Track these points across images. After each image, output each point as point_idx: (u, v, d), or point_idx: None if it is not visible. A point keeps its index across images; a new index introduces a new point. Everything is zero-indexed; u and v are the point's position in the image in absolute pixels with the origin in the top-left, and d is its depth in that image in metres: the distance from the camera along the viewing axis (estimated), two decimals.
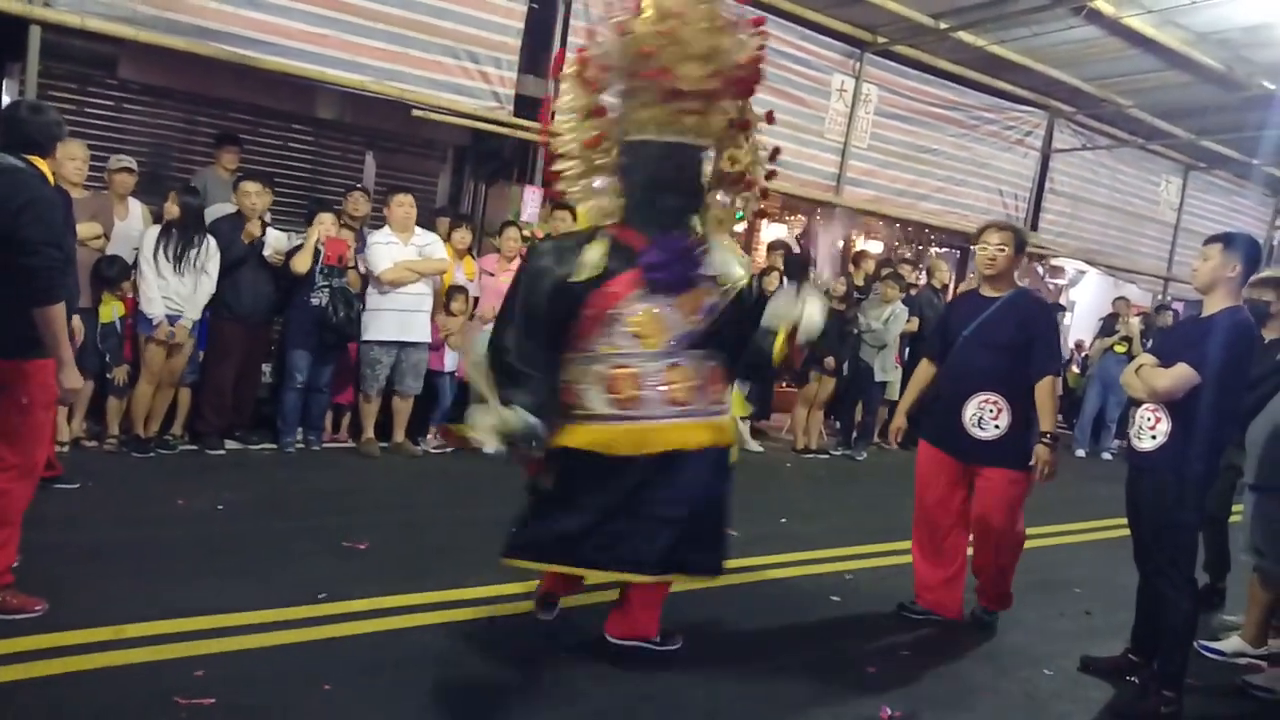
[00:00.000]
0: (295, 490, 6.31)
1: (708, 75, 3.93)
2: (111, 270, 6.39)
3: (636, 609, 4.25)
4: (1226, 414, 4.41)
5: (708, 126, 4.09)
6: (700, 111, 4.01)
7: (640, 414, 3.98)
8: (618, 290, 3.93)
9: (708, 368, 4.09)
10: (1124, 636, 4.91)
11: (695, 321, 4.02)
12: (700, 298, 4.02)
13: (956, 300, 5.95)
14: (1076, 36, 10.11)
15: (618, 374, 3.97)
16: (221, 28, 7.19)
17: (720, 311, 4.07)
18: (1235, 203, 16.69)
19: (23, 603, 3.96)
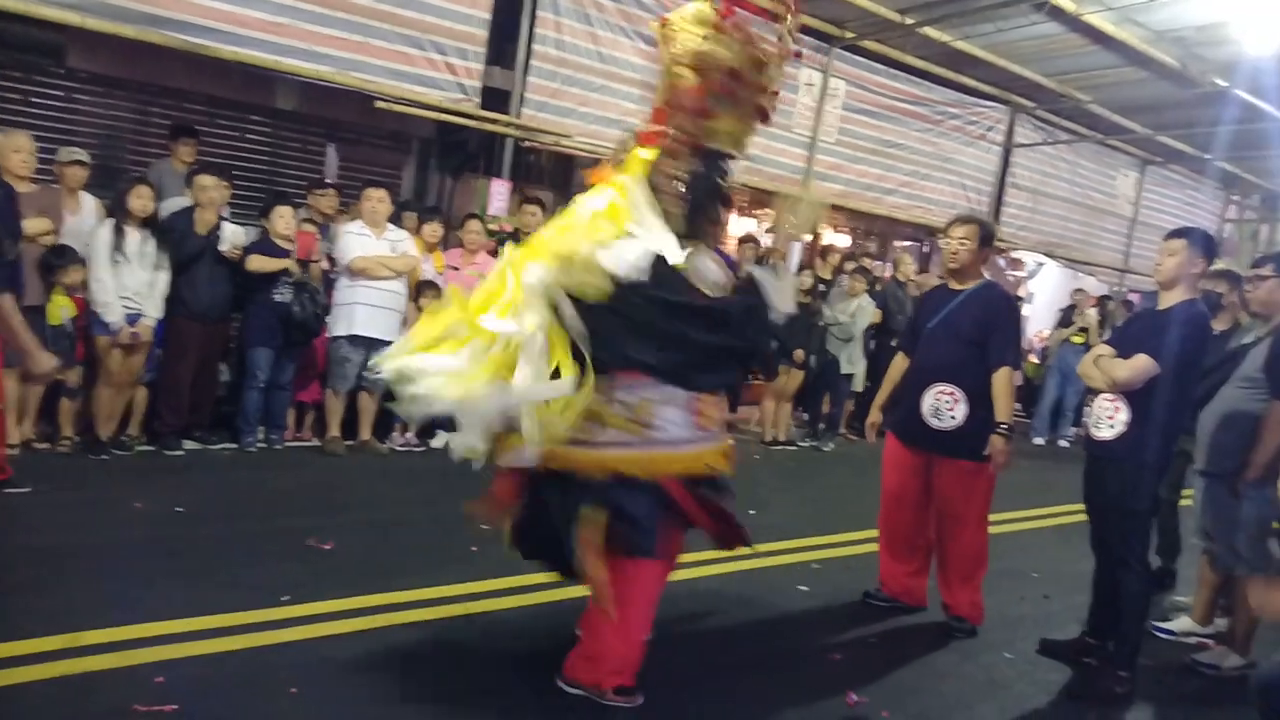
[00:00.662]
0: (257, 491, 6.19)
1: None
2: (61, 259, 6.17)
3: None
4: (1182, 403, 4.57)
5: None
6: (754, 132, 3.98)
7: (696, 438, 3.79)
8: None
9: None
10: (1081, 619, 5.02)
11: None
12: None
13: (926, 294, 5.96)
14: (1038, 32, 10.23)
15: (703, 401, 3.80)
16: (175, 15, 7.03)
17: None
18: (1190, 196, 16.99)
19: None
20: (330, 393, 7.36)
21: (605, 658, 3.77)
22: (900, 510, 5.28)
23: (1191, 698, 4.76)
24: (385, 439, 7.70)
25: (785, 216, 4.55)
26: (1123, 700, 4.50)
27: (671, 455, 3.70)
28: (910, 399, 5.13)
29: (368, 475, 6.91)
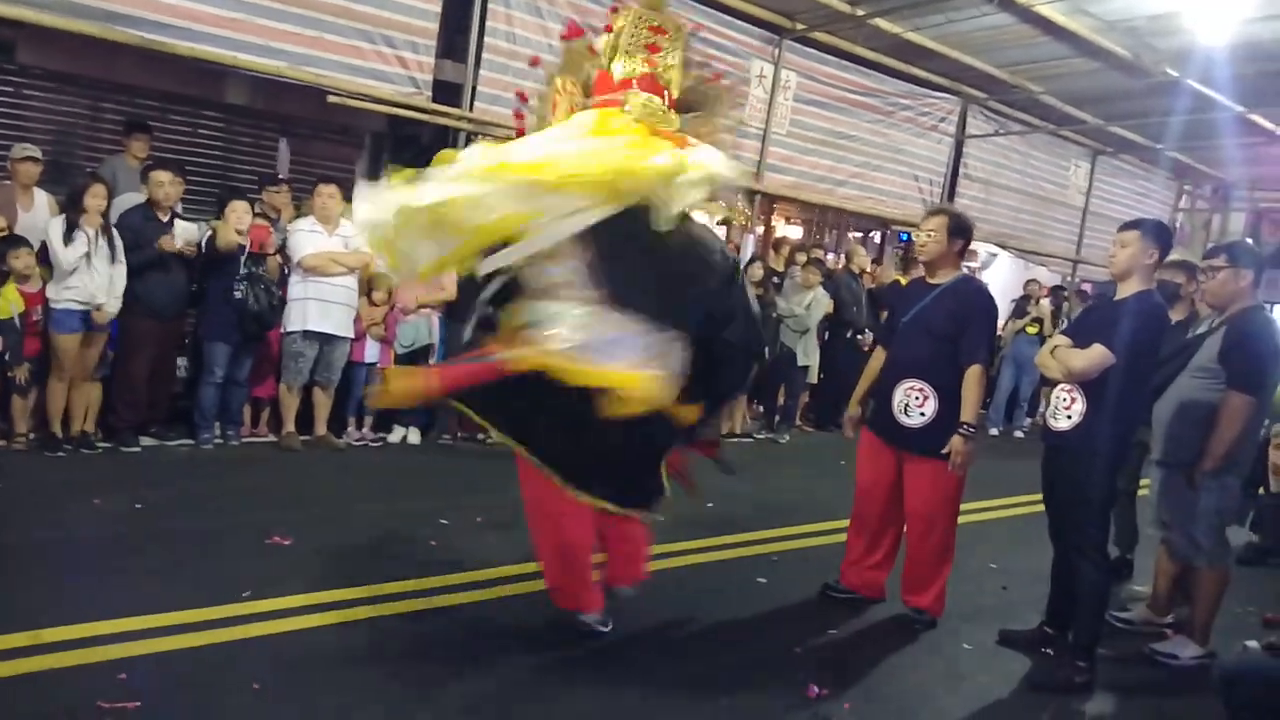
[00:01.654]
0: (215, 487, 6.17)
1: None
2: (10, 245, 6.12)
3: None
4: (1138, 394, 4.60)
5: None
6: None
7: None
8: None
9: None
10: (1039, 609, 5.07)
11: None
12: None
13: (906, 287, 5.99)
14: (989, 23, 10.29)
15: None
16: (128, 11, 6.95)
17: None
18: (1142, 186, 17.17)
19: None
20: (285, 388, 7.33)
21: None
22: (870, 503, 5.24)
23: (1151, 687, 4.77)
24: (341, 434, 7.69)
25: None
26: (1082, 690, 4.51)
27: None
28: (883, 394, 5.09)
29: (324, 470, 6.91)
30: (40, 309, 6.31)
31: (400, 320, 7.70)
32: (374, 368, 7.74)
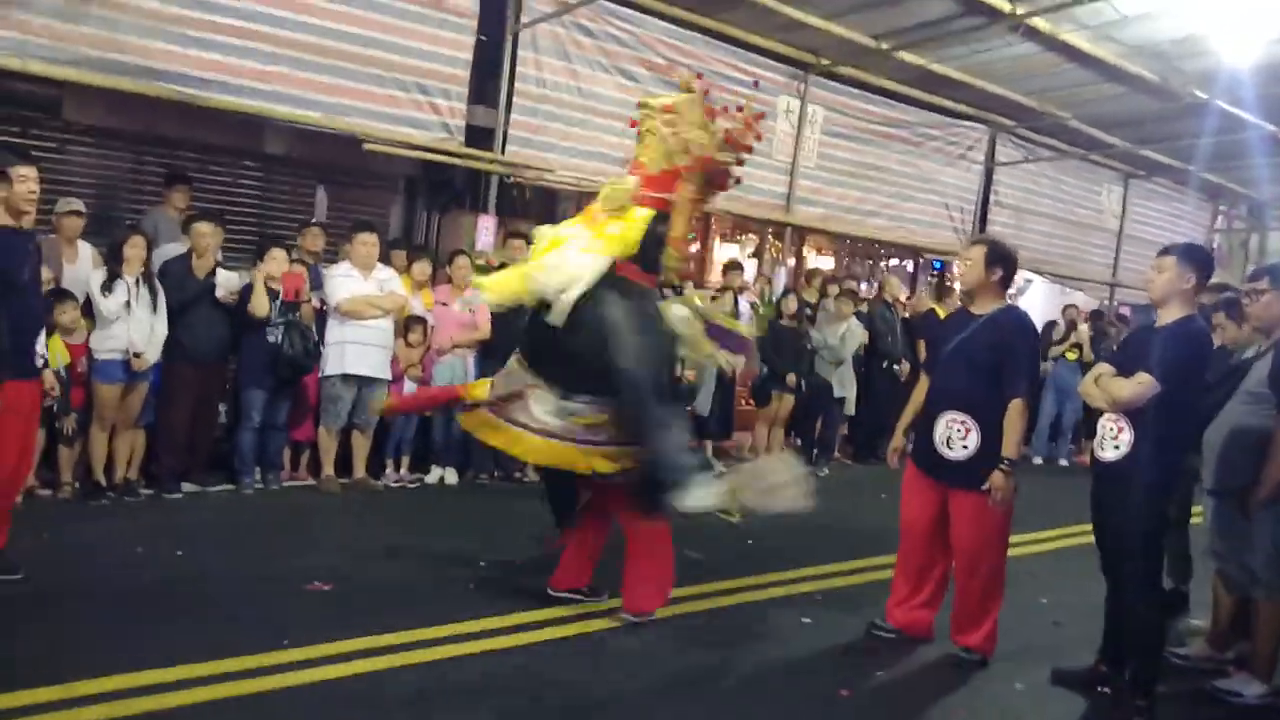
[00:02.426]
0: (256, 532, 6.22)
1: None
2: (57, 299, 6.21)
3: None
4: (1186, 421, 4.50)
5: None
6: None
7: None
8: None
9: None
10: (1093, 645, 4.91)
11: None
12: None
13: (949, 317, 5.94)
14: (1015, 53, 10.30)
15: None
16: (167, 67, 7.12)
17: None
18: (1175, 208, 17.04)
19: None
20: (324, 431, 7.39)
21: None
22: (916, 538, 5.13)
23: None
24: (379, 476, 7.72)
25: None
26: None
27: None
28: (925, 426, 4.99)
29: (363, 513, 6.93)
30: (84, 359, 6.40)
31: (437, 361, 7.74)
32: None
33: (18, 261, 4.48)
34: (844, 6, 9.57)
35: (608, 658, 4.61)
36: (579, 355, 4.68)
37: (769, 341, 9.52)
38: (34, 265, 4.70)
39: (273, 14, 7.52)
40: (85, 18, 6.77)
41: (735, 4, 9.53)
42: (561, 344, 4.72)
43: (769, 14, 9.65)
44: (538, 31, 9.00)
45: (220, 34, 7.32)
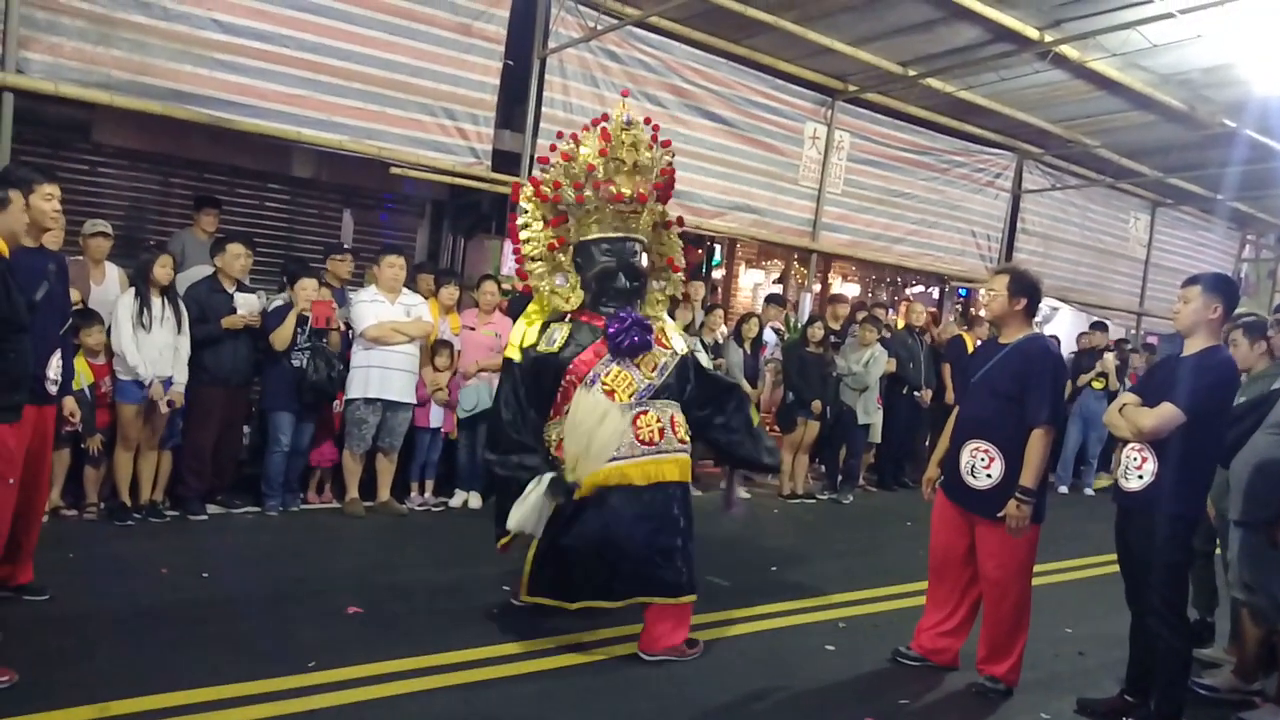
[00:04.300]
0: (281, 554, 6.22)
1: (637, 184, 5.05)
2: (84, 320, 6.23)
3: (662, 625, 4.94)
4: (1211, 452, 4.49)
5: (640, 225, 5.18)
6: (635, 213, 5.11)
7: (620, 455, 4.85)
8: (590, 358, 4.97)
9: (669, 413, 5.05)
10: (1118, 675, 4.90)
11: (654, 377, 5.05)
12: (656, 358, 5.09)
13: (979, 346, 5.94)
14: (1043, 80, 10.27)
15: None
16: (196, 90, 7.17)
17: (671, 369, 5.13)
18: (1202, 237, 16.98)
19: None
20: (349, 454, 7.39)
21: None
22: (945, 567, 5.12)
23: None
24: (403, 499, 7.72)
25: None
26: None
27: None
28: (951, 455, 4.99)
29: (387, 536, 6.92)
30: (106, 381, 6.43)
31: (462, 385, 7.76)
32: (438, 432, 7.79)
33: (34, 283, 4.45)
34: (872, 33, 9.59)
35: (631, 687, 4.58)
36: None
37: (794, 368, 9.51)
38: (54, 285, 4.63)
39: (301, 38, 7.57)
40: (115, 41, 6.83)
41: (762, 30, 9.54)
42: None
43: (796, 40, 9.67)
44: (565, 56, 9.04)
45: (248, 58, 7.36)
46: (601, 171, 4.99)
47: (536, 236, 5.23)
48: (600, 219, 5.08)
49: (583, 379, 4.94)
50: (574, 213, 5.12)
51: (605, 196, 4.99)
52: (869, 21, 9.31)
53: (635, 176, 5.05)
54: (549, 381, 5.02)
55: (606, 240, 5.10)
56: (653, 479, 4.90)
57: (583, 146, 5.09)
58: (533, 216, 5.25)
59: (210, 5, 7.17)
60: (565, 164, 5.10)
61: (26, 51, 6.57)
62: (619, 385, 4.95)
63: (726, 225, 10.61)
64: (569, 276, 5.18)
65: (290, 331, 6.93)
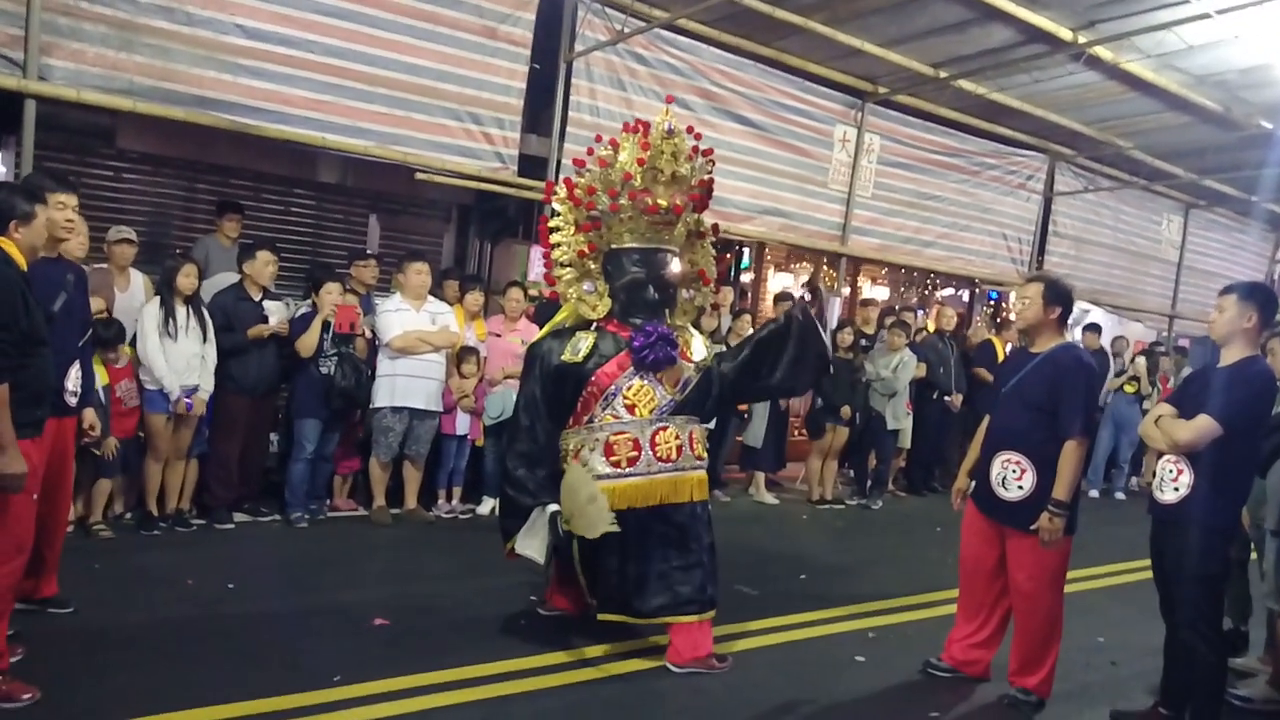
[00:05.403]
0: (307, 564, 6.18)
1: (674, 195, 4.99)
2: (108, 332, 6.18)
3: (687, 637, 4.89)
4: (1248, 464, 4.44)
5: (674, 236, 5.14)
6: (669, 224, 5.06)
7: (638, 471, 4.88)
8: (613, 370, 4.95)
9: (689, 430, 5.04)
10: (1151, 685, 4.87)
11: (675, 392, 5.04)
12: (679, 373, 5.07)
13: (1009, 356, 5.87)
14: (1076, 82, 10.16)
15: (617, 439, 4.90)
16: (220, 96, 7.16)
17: (694, 385, 5.11)
18: (1236, 239, 16.80)
19: (11, 690, 3.83)
20: (375, 462, 7.37)
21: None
22: (975, 578, 5.06)
23: None
24: (431, 507, 7.69)
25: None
26: None
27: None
28: (982, 466, 4.93)
29: (414, 545, 6.88)
30: (123, 385, 6.32)
31: (489, 392, 7.72)
32: (464, 439, 7.76)
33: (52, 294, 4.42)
34: (902, 34, 9.50)
35: (658, 702, 4.52)
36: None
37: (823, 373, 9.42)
38: (72, 296, 4.57)
39: (325, 43, 7.54)
40: (138, 47, 6.82)
41: (792, 31, 9.46)
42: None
43: (826, 42, 9.59)
44: (591, 60, 8.99)
45: (272, 63, 7.34)
46: (639, 180, 4.94)
47: (567, 242, 5.19)
48: (634, 228, 5.05)
49: (604, 391, 4.95)
50: (607, 220, 5.08)
51: (640, 207, 4.95)
52: (899, 23, 9.22)
53: (673, 187, 5.00)
54: (570, 390, 5.01)
55: (638, 250, 5.08)
56: (668, 497, 4.90)
57: (620, 153, 5.05)
58: (564, 220, 5.21)
59: (233, 10, 7.15)
60: (602, 170, 5.07)
61: (48, 58, 6.56)
62: (640, 400, 4.95)
63: (755, 230, 10.54)
64: (597, 284, 5.16)
65: (316, 338, 6.91)
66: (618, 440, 4.90)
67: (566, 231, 5.19)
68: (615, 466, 4.88)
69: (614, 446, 4.89)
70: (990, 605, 5.06)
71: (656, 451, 4.90)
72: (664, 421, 4.97)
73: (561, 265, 5.21)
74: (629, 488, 4.84)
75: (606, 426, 4.93)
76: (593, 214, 5.11)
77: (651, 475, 4.89)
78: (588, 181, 5.12)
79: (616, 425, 4.92)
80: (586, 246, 5.14)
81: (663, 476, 4.91)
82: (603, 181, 5.05)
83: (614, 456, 4.89)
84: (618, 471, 4.87)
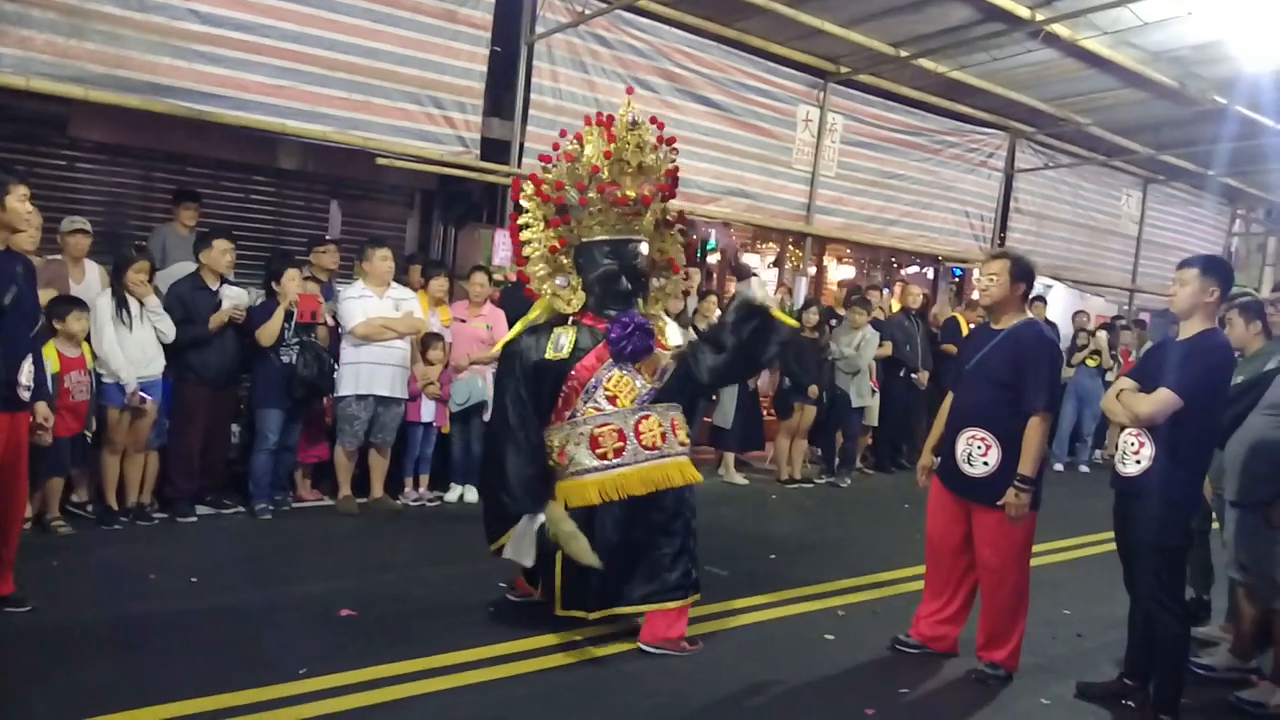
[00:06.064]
0: (271, 556, 6.12)
1: (641, 186, 5.01)
2: (59, 307, 6.01)
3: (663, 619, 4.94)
4: (1208, 436, 4.50)
5: (643, 225, 5.16)
6: (638, 215, 5.09)
7: (625, 461, 4.92)
8: (592, 363, 4.98)
9: (670, 416, 5.07)
10: (1116, 657, 4.92)
11: (655, 381, 5.08)
12: (656, 362, 5.10)
13: (970, 332, 5.90)
14: (1034, 59, 10.25)
15: (601, 431, 4.93)
16: (175, 83, 7.04)
17: (672, 372, 5.13)
18: (1193, 213, 17.04)
19: None
20: (340, 451, 7.31)
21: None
22: (942, 555, 5.11)
23: None
24: (398, 495, 7.64)
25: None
26: None
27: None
28: (947, 443, 4.96)
29: (381, 534, 6.82)
30: (73, 376, 6.09)
31: (454, 378, 7.68)
32: (430, 427, 7.71)
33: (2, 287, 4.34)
34: (863, 14, 9.53)
35: (630, 685, 4.52)
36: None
37: (790, 353, 9.44)
38: (22, 288, 4.49)
39: (282, 28, 7.44)
40: (89, 34, 6.69)
41: (753, 12, 9.46)
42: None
43: (788, 22, 9.59)
44: (553, 42, 8.93)
45: (228, 48, 7.23)
46: (606, 173, 4.96)
47: (538, 238, 5.19)
48: (603, 220, 5.06)
49: (585, 385, 4.97)
50: (576, 214, 5.08)
51: (610, 199, 4.98)
52: (860, 2, 9.27)
53: (640, 178, 5.03)
54: (549, 387, 5.02)
55: (609, 242, 5.10)
56: (658, 484, 4.95)
57: (586, 146, 5.06)
58: (533, 217, 5.20)
59: None
60: (569, 165, 5.07)
61: None
62: (621, 391, 4.99)
63: (720, 210, 10.54)
64: (570, 279, 5.17)
65: (277, 327, 6.82)
66: (602, 432, 4.94)
67: (536, 228, 5.19)
68: (602, 459, 4.93)
69: (599, 439, 4.93)
70: (957, 581, 5.10)
71: (641, 440, 4.95)
72: (646, 410, 5.01)
73: (534, 262, 5.20)
74: (618, 478, 4.91)
75: (590, 420, 4.96)
76: (561, 209, 5.11)
77: (639, 464, 4.93)
78: (555, 177, 5.11)
79: (600, 418, 4.95)
80: (557, 242, 5.14)
81: (650, 464, 4.95)
82: (570, 176, 5.04)
83: (600, 449, 4.93)
84: (605, 464, 4.92)
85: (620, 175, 4.98)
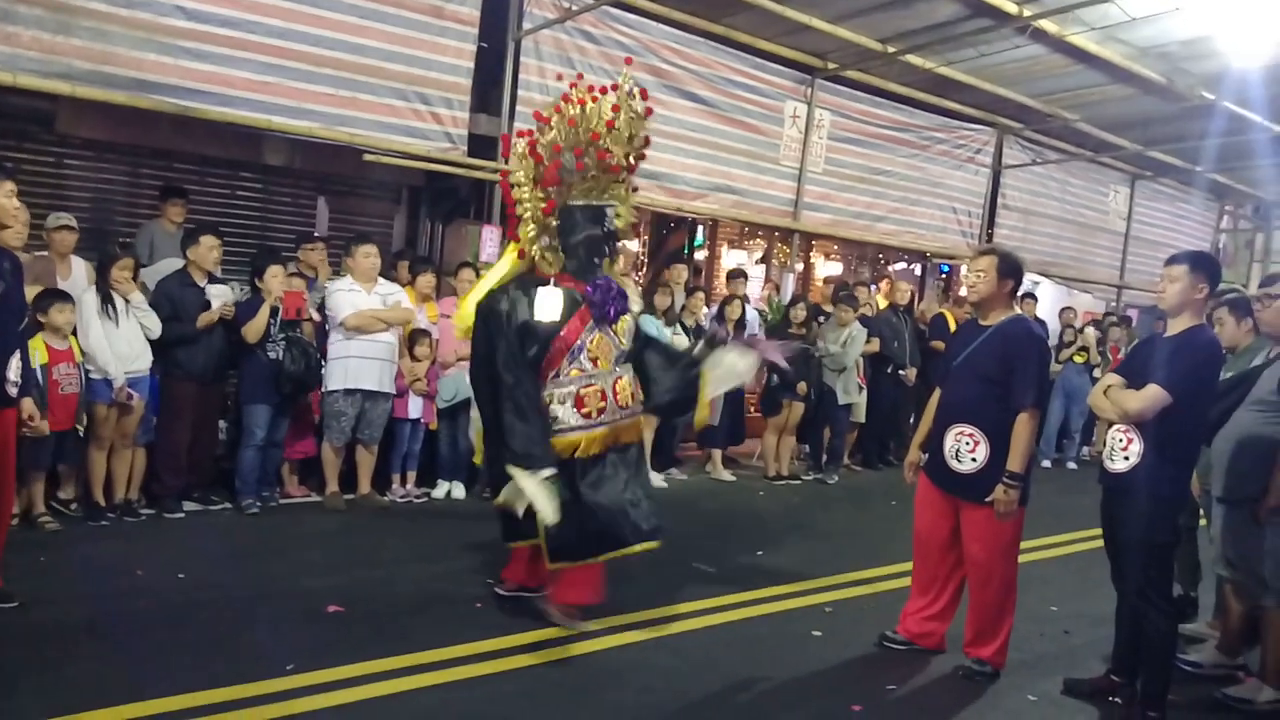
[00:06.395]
0: (259, 552, 6.10)
1: (629, 153, 5.13)
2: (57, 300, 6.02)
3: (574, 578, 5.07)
4: (1196, 432, 4.50)
5: (620, 192, 5.30)
6: (621, 181, 5.25)
7: (605, 419, 5.12)
8: (577, 325, 5.08)
9: (632, 376, 5.34)
10: (1103, 653, 4.93)
11: (625, 343, 5.27)
12: (626, 322, 5.29)
13: (958, 328, 5.90)
14: (1022, 55, 10.26)
15: (587, 391, 5.09)
16: (162, 80, 7.01)
17: (632, 333, 5.37)
18: (1181, 209, 17.07)
19: None
20: (328, 447, 7.29)
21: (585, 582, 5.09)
22: (929, 551, 5.10)
23: None
24: (385, 491, 7.63)
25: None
26: None
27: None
28: (935, 439, 4.97)
29: (369, 530, 6.82)
30: (61, 369, 6.06)
31: (441, 374, 7.66)
32: (418, 423, 7.70)
33: None
34: (850, 10, 9.52)
35: (616, 681, 4.52)
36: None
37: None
38: (9, 284, 4.48)
39: (268, 24, 7.41)
40: (75, 30, 6.66)
41: (741, 8, 9.45)
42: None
43: (775, 18, 9.58)
44: (540, 38, 8.91)
45: (215, 44, 7.20)
46: (605, 140, 5.01)
47: (528, 198, 5.20)
48: (592, 186, 5.14)
49: (570, 346, 5.07)
50: (568, 178, 5.10)
51: (603, 166, 5.06)
52: None
53: (627, 146, 5.12)
54: (533, 348, 5.05)
55: (590, 207, 5.18)
56: (632, 439, 5.29)
57: (589, 111, 5.07)
58: (525, 175, 5.19)
59: None
60: (570, 129, 5.05)
61: None
62: (601, 352, 5.15)
63: (708, 206, 10.53)
64: (553, 240, 5.22)
65: (263, 324, 6.80)
66: (588, 393, 5.08)
67: (526, 187, 5.20)
68: (587, 418, 5.07)
69: (584, 399, 5.08)
70: (944, 578, 5.10)
71: (618, 399, 5.17)
72: (619, 371, 5.23)
73: (525, 222, 5.20)
74: (602, 434, 5.10)
75: (574, 380, 5.08)
76: (553, 171, 5.10)
77: (615, 422, 5.16)
78: (553, 139, 5.08)
79: (584, 378, 5.09)
80: (546, 204, 5.16)
81: (625, 422, 5.22)
82: (569, 139, 5.04)
83: (585, 408, 5.07)
84: (590, 422, 5.08)
85: (615, 143, 5.04)
